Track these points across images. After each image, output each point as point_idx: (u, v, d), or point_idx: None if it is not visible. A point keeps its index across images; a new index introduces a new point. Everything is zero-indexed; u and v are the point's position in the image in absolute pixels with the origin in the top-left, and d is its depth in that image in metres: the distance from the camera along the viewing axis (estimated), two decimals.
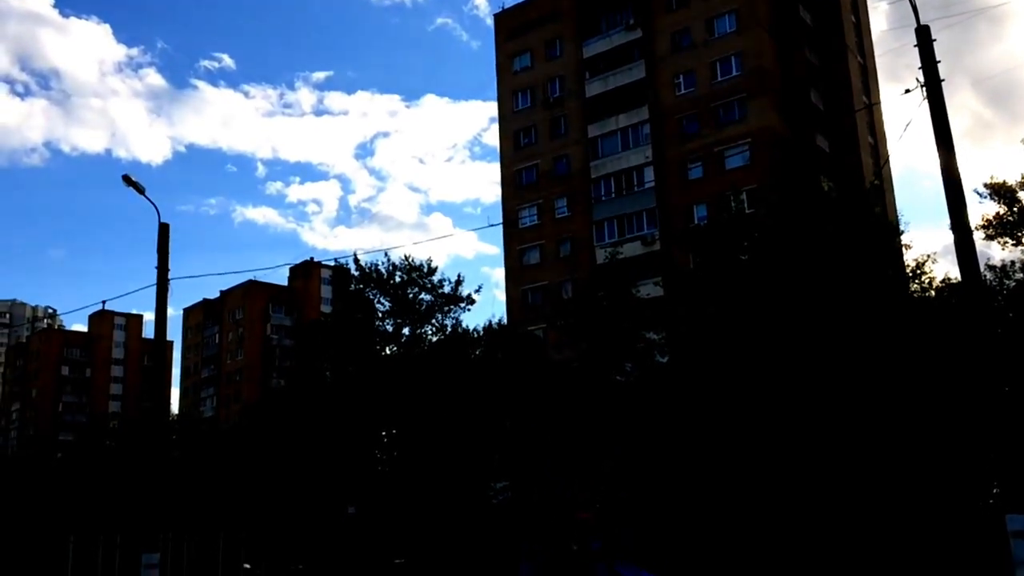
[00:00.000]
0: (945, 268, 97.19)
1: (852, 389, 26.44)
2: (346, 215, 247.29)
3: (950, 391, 25.35)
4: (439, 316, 45.80)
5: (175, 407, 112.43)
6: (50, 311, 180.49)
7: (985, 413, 20.69)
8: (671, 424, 31.53)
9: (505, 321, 52.14)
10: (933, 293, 30.33)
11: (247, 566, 45.91)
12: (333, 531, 46.11)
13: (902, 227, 32.71)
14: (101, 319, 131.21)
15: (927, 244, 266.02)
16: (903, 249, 32.47)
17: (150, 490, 23.51)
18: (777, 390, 27.71)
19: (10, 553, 40.26)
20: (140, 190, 22.53)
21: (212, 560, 43.56)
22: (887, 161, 59.91)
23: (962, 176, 16.51)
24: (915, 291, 30.73)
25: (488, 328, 45.83)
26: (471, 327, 46.10)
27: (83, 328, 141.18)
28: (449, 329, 45.86)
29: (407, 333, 45.66)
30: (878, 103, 62.41)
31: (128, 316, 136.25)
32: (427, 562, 39.31)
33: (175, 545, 41.16)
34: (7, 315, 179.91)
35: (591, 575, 28.71)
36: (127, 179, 22.23)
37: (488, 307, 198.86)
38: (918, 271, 30.67)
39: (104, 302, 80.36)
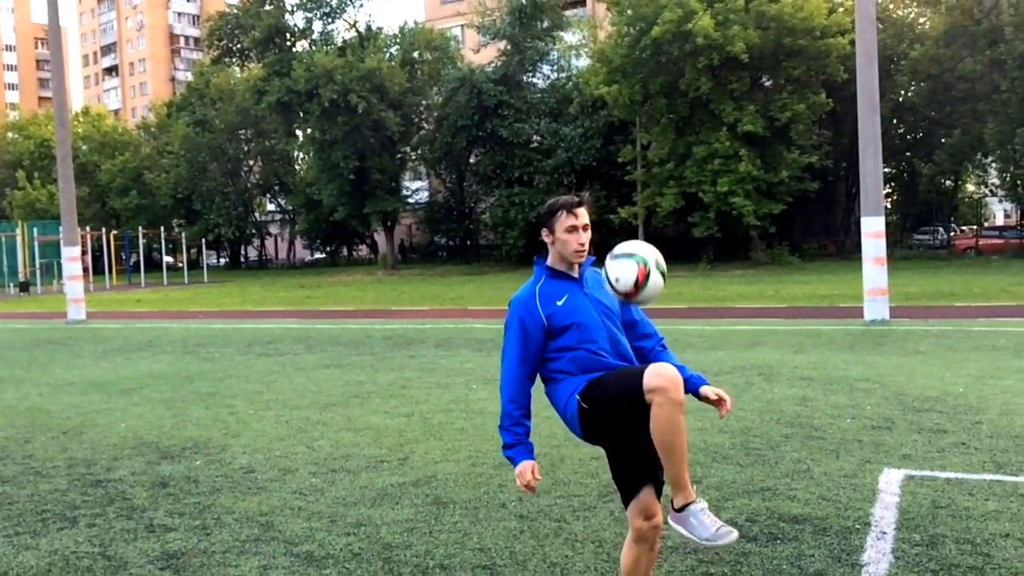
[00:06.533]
0: None
1: None
2: None
3: None
4: (352, 10, 43.86)
5: (78, 100, 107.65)
6: None
7: None
8: None
9: (422, 19, 50.17)
10: None
11: (169, 259, 47.20)
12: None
13: None
14: None
15: None
16: None
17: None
18: None
19: None
20: None
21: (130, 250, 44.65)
22: None
23: None
24: None
25: (403, 28, 44.31)
26: (384, 27, 44.60)
27: None
28: (363, 27, 44.23)
29: (319, 29, 43.90)
30: None
31: None
32: None
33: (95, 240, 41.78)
34: None
35: None
36: None
37: (403, 3, 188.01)
38: None
39: None
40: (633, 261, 2.91)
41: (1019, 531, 4.03)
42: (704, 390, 3.01)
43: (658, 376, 2.68)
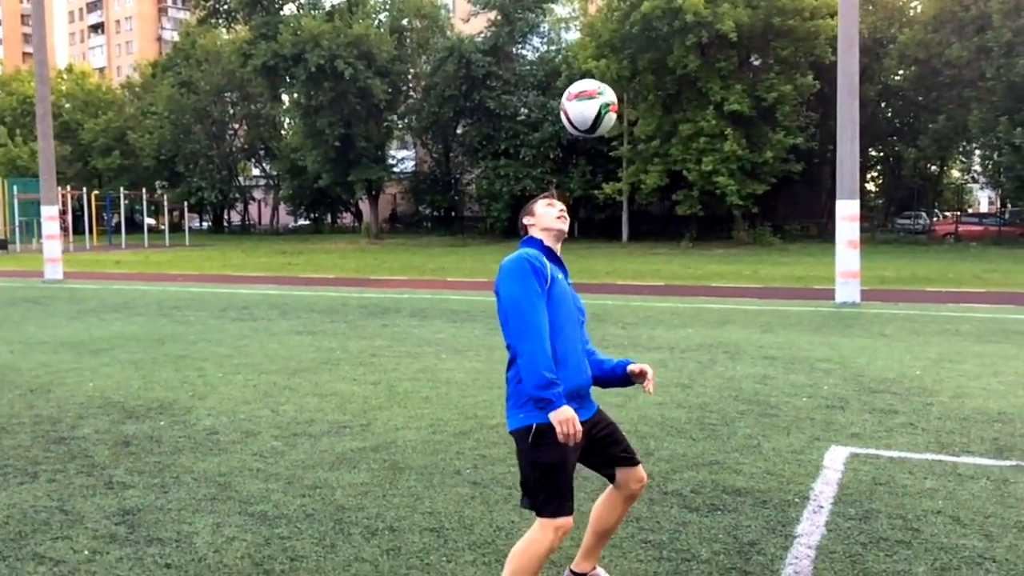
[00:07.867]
0: None
1: None
2: None
3: None
4: None
5: (62, 57, 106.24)
6: None
7: None
8: None
9: None
10: None
11: (151, 221, 46.84)
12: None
13: None
14: None
15: None
16: None
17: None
18: None
19: None
20: None
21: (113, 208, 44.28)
22: None
23: None
24: None
25: None
26: None
27: None
28: None
29: None
30: None
31: None
32: None
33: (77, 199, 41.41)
34: None
35: None
36: None
37: None
38: None
39: None
40: (596, 83, 3.23)
41: (951, 509, 4.17)
42: (630, 367, 3.11)
43: (563, 530, 2.81)
